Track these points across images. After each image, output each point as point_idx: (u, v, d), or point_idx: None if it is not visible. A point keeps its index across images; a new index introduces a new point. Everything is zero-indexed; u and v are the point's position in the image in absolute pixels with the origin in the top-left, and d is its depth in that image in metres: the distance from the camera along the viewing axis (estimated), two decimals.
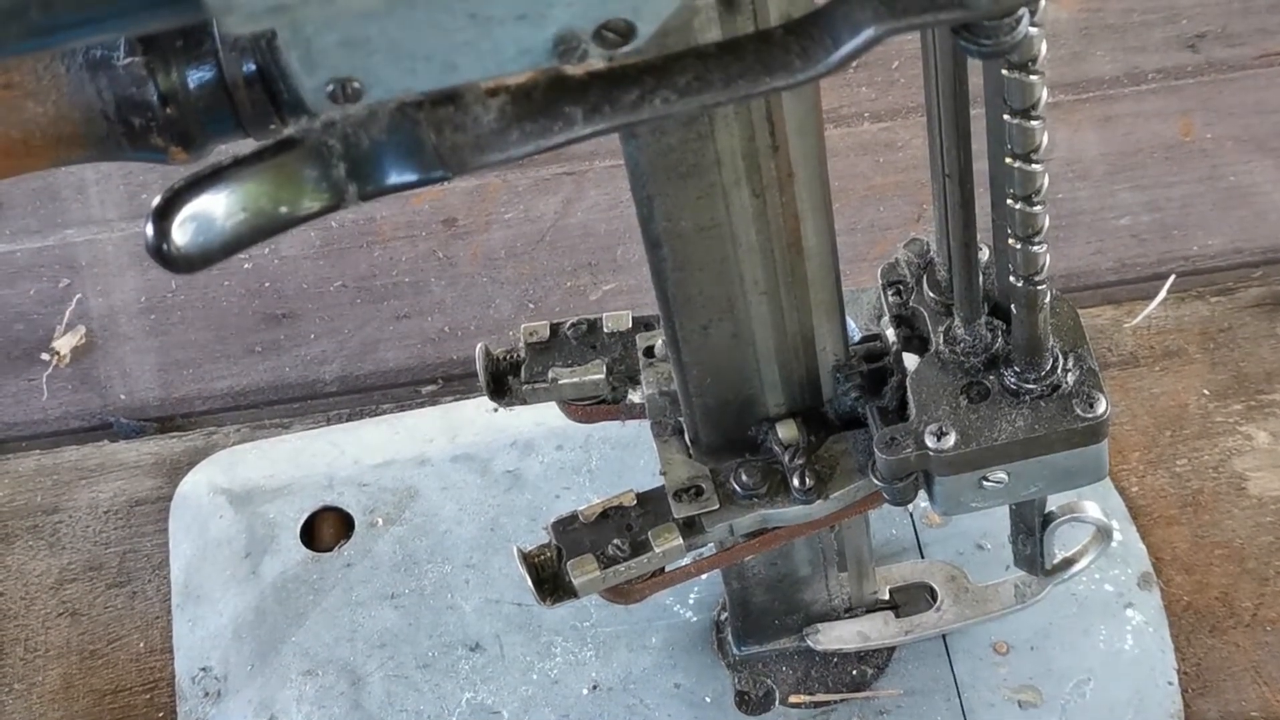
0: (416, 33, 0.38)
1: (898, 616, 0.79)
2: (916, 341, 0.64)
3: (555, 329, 0.70)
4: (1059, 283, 0.94)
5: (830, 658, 0.80)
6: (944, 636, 0.81)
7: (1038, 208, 0.54)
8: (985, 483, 0.61)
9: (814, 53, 0.42)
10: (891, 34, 0.42)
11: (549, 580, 0.65)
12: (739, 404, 0.64)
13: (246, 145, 0.43)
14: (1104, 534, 0.73)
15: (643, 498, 0.66)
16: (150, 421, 0.94)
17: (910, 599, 0.80)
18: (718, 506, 0.64)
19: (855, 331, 0.66)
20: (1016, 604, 0.78)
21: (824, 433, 0.64)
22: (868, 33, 0.42)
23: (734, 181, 0.54)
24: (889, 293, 0.65)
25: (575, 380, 0.69)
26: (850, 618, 0.79)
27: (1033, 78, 0.49)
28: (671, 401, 0.66)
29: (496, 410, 0.72)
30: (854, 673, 0.80)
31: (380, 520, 0.88)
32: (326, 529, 0.88)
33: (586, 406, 0.71)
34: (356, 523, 0.88)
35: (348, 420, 0.93)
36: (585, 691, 0.82)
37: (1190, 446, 0.87)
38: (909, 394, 0.61)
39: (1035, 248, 0.55)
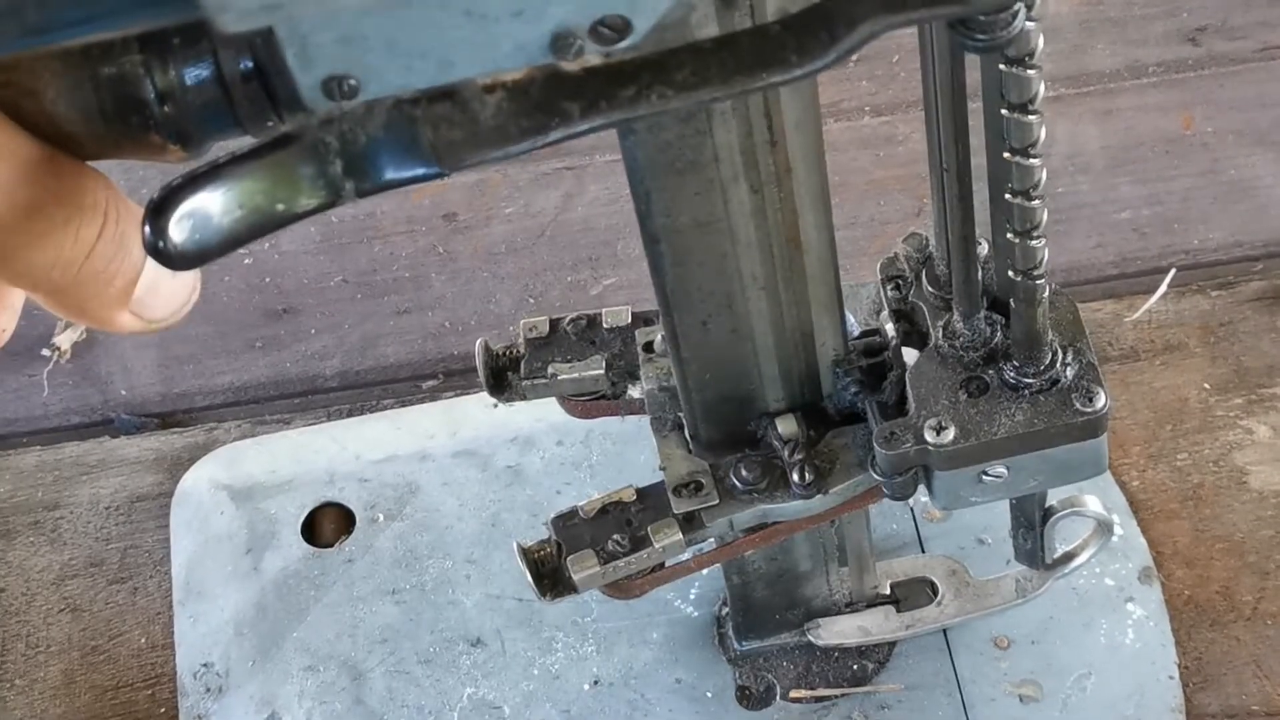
0: (413, 30, 0.38)
1: (898, 611, 0.79)
2: (916, 336, 0.64)
3: (555, 324, 0.70)
4: (1059, 277, 0.94)
5: (831, 653, 0.80)
6: (945, 631, 0.81)
7: (1036, 202, 0.54)
8: (985, 477, 0.61)
9: (810, 48, 0.41)
10: (888, 29, 0.42)
11: (549, 575, 0.65)
12: (738, 399, 0.64)
13: (245, 142, 0.43)
14: (1104, 528, 0.73)
15: (642, 493, 0.66)
16: (151, 417, 0.94)
17: (911, 594, 0.80)
18: (717, 501, 0.64)
19: (854, 326, 0.66)
20: (1017, 598, 0.78)
21: (823, 428, 0.64)
22: (864, 28, 0.42)
23: (732, 177, 0.54)
24: (888, 287, 0.65)
25: (575, 376, 0.69)
26: (851, 612, 0.79)
27: (1030, 72, 0.49)
28: (671, 397, 0.66)
29: (497, 406, 0.72)
30: (855, 668, 0.80)
31: (381, 516, 0.88)
32: (327, 525, 0.88)
33: (586, 402, 0.71)
34: (357, 518, 0.88)
35: (348, 416, 0.93)
36: (586, 687, 0.82)
37: (1191, 440, 0.87)
38: (908, 389, 0.61)
39: (1034, 242, 0.55)
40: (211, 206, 0.41)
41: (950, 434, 0.60)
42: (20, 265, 0.42)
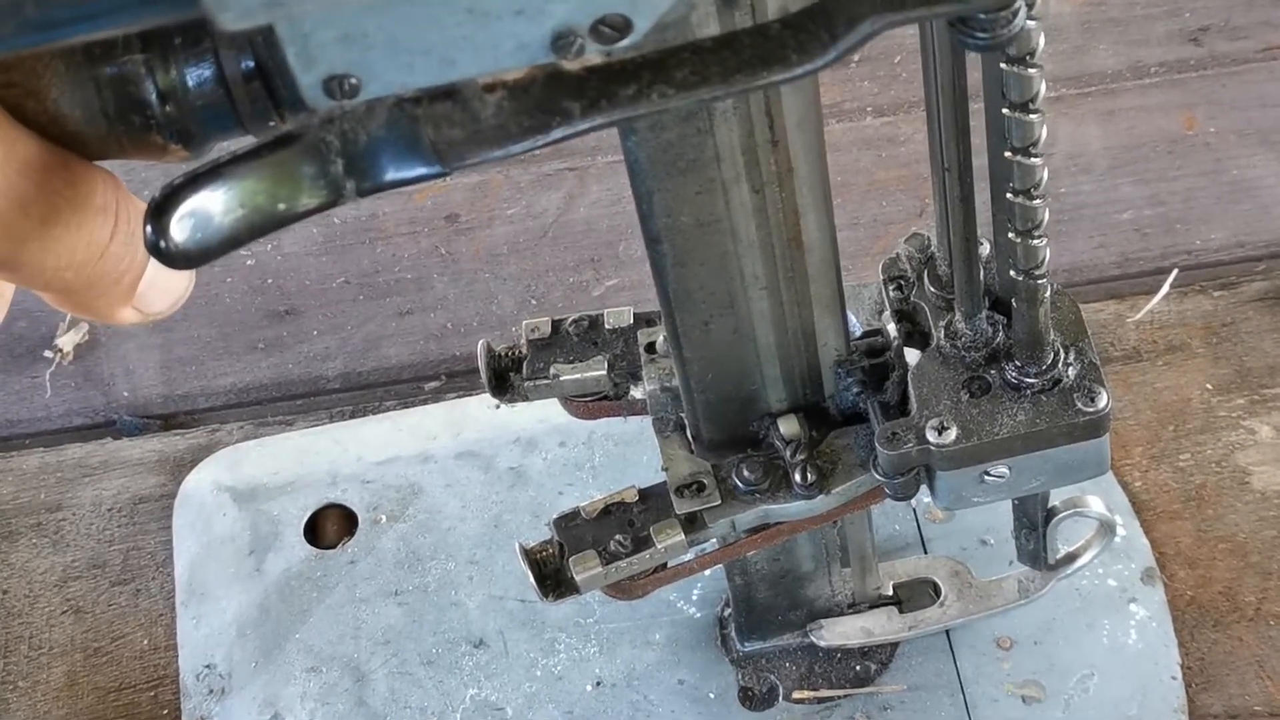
0: (414, 28, 0.38)
1: (901, 612, 0.79)
2: (918, 336, 0.64)
3: (557, 325, 0.70)
4: (1062, 277, 0.94)
5: (834, 654, 0.80)
6: (947, 632, 0.81)
7: (1037, 201, 0.54)
8: (987, 477, 0.61)
9: (811, 46, 0.41)
10: (888, 27, 0.42)
11: (551, 576, 0.65)
12: (740, 399, 0.64)
13: (246, 141, 0.43)
14: (1107, 529, 0.73)
15: (645, 494, 0.66)
16: (154, 419, 0.94)
17: (914, 594, 0.80)
18: (719, 502, 0.64)
19: (856, 326, 0.66)
20: (1020, 599, 0.78)
21: (826, 428, 0.64)
22: (864, 26, 0.42)
23: (733, 177, 0.54)
24: (890, 287, 0.65)
25: (577, 376, 0.69)
26: (854, 613, 0.79)
27: (1031, 71, 0.49)
28: (673, 397, 0.66)
29: (499, 407, 0.72)
30: (858, 668, 0.80)
31: (384, 517, 0.88)
32: (330, 526, 0.88)
33: (589, 403, 0.71)
34: (360, 520, 0.88)
35: (351, 417, 0.93)
36: (589, 688, 0.82)
37: (1193, 441, 0.87)
38: (910, 389, 0.61)
39: (1035, 241, 0.55)
40: (212, 206, 0.41)
41: (952, 434, 0.60)
42: (34, 268, 0.42)
